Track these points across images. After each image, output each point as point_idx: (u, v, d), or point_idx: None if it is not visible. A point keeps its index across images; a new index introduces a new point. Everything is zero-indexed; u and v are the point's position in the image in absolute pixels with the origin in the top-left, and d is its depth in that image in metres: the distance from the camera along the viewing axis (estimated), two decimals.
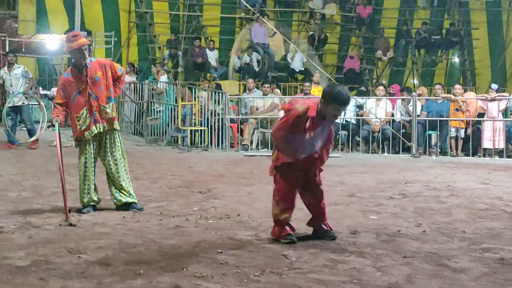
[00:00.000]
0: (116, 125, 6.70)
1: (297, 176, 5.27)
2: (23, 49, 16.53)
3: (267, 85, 14.57)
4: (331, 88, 5.12)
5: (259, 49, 18.81)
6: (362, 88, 17.46)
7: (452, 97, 13.20)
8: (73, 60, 6.64)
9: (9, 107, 12.32)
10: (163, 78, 16.24)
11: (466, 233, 5.67)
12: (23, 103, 12.39)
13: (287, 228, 5.29)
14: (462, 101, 13.12)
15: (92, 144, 6.59)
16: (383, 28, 21.04)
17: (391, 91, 14.84)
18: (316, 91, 14.16)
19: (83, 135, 6.53)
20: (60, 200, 6.95)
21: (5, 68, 12.73)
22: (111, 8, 18.88)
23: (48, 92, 16.71)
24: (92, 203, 6.62)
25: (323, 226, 5.44)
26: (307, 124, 5.02)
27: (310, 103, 5.18)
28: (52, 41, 16.26)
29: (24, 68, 12.80)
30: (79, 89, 6.49)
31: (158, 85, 15.56)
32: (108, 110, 6.58)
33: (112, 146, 6.66)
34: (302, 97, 12.49)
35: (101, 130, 6.56)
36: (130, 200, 6.68)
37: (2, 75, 12.57)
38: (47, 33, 16.85)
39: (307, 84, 14.58)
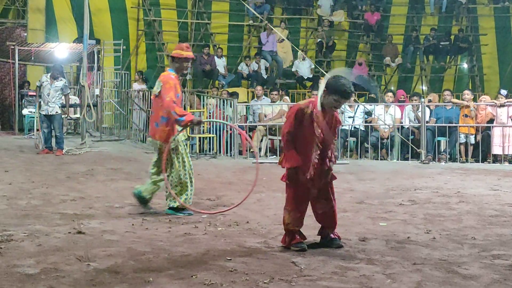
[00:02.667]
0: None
1: (309, 186, 5.24)
2: (32, 58, 16.64)
3: (275, 92, 14.57)
4: (335, 79, 5.17)
5: (267, 56, 18.85)
6: (372, 95, 17.43)
7: (464, 102, 13.16)
8: (176, 67, 7.11)
9: (44, 115, 12.67)
10: None
11: (476, 240, 5.64)
12: (56, 112, 12.67)
13: (298, 236, 5.29)
14: (473, 107, 13.07)
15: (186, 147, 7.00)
16: (391, 34, 21.04)
17: (401, 98, 14.82)
18: None
19: (179, 135, 6.85)
20: (69, 208, 6.99)
21: (48, 75, 12.95)
22: (119, 17, 18.95)
23: None
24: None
25: (331, 234, 5.42)
26: (313, 117, 5.05)
27: (313, 99, 5.23)
28: (61, 50, 16.34)
29: (65, 82, 13.05)
30: (178, 94, 6.87)
31: None
32: None
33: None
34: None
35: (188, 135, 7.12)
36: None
37: (43, 81, 12.83)
38: (56, 41, 16.92)
39: (315, 92, 14.55)
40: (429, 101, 14.20)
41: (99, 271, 4.48)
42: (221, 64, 18.67)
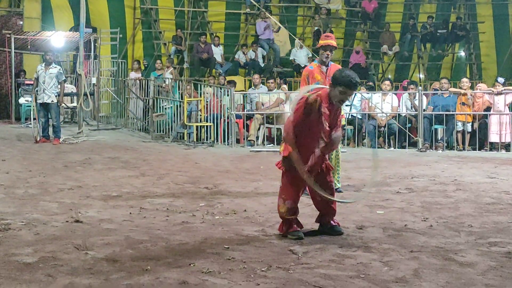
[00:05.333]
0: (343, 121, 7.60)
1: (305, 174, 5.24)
2: (29, 46, 16.56)
3: (271, 81, 14.52)
4: (339, 71, 5.24)
5: (264, 44, 18.79)
6: (370, 83, 17.41)
7: (462, 91, 13.14)
8: (319, 55, 7.63)
9: (40, 104, 12.67)
10: (169, 75, 16.24)
11: (473, 227, 5.66)
12: (52, 101, 12.69)
13: (294, 225, 5.30)
14: (471, 94, 13.05)
15: None
16: (389, 22, 20.96)
17: (405, 85, 14.82)
18: None
19: None
20: (67, 197, 6.99)
21: (43, 64, 12.98)
22: (116, 5, 18.84)
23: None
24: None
25: (331, 221, 5.44)
26: (322, 110, 5.06)
27: (320, 91, 5.21)
28: (58, 38, 16.26)
29: (59, 69, 13.08)
30: (319, 81, 7.30)
31: (166, 82, 15.57)
32: None
33: None
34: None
35: None
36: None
37: (38, 70, 12.86)
38: (53, 30, 16.83)
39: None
40: (435, 90, 14.21)
41: (97, 259, 4.49)
42: (218, 52, 18.60)
